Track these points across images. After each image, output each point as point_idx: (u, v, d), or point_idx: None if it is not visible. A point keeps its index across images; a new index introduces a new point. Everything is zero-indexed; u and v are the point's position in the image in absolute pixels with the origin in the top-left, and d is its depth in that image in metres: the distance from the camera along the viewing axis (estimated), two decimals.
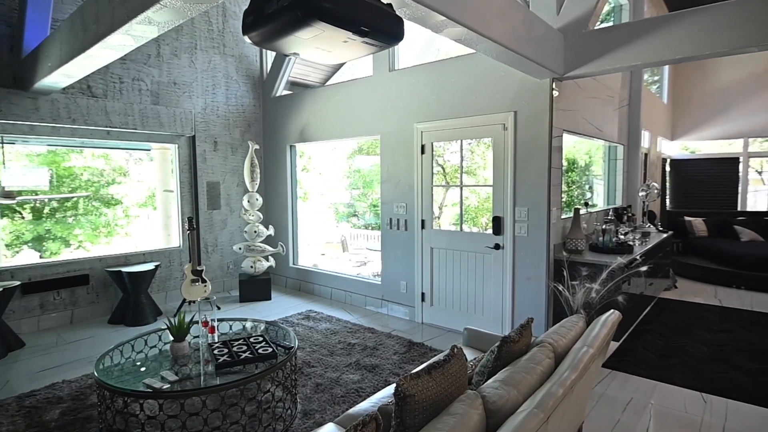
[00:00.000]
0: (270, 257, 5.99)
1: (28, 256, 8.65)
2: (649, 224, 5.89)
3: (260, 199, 5.86)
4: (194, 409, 2.37)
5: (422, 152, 4.75)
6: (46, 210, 9.28)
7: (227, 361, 2.63)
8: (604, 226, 4.38)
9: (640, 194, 5.85)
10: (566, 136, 4.24)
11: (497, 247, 4.24)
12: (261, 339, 2.96)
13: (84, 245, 9.24)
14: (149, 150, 5.79)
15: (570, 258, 3.92)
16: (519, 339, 2.13)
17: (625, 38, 3.42)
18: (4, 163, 4.74)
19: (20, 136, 4.50)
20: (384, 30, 1.73)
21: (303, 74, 7.85)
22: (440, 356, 1.82)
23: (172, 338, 2.80)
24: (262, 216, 5.91)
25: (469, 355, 2.84)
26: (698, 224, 7.50)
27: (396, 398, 1.55)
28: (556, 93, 3.96)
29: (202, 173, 5.90)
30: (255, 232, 5.78)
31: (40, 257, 8.46)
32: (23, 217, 9.15)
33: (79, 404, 3.05)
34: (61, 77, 3.61)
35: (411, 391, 1.56)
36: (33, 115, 4.32)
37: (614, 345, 3.99)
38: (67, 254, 7.96)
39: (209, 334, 3.04)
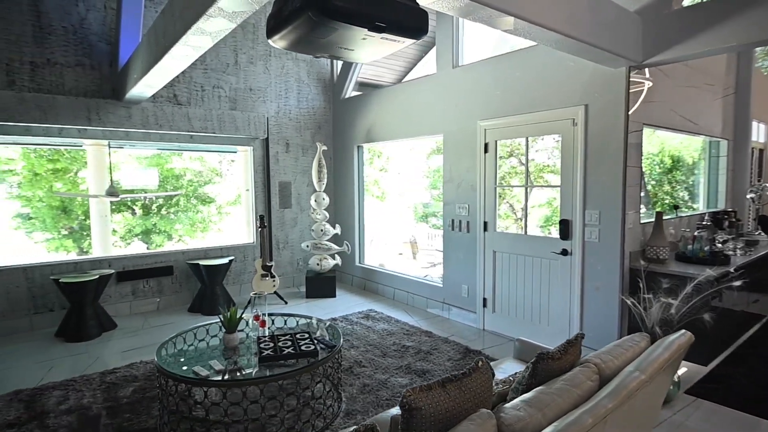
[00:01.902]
0: (336, 255, 6.13)
1: (138, 247, 9.74)
2: (760, 231, 5.07)
3: (327, 199, 6.01)
4: (236, 399, 2.48)
5: (485, 151, 4.55)
6: (154, 207, 10.38)
7: (270, 355, 2.71)
8: (695, 233, 3.85)
9: (749, 196, 5.05)
10: (667, 132, 3.79)
11: (564, 252, 3.92)
12: (306, 336, 3.02)
13: (183, 239, 10.22)
14: (235, 152, 6.21)
15: (648, 267, 3.49)
16: (561, 356, 1.93)
17: (723, 13, 2.95)
18: (112, 166, 5.37)
19: (120, 141, 5.08)
20: (403, 24, 1.65)
21: (376, 75, 7.92)
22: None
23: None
24: (328, 215, 6.07)
25: (519, 368, 2.64)
26: None
27: (401, 410, 1.46)
28: (649, 84, 3.55)
29: (274, 173, 6.20)
30: (321, 230, 5.95)
31: (147, 248, 9.49)
32: (134, 213, 10.33)
33: (149, 384, 3.35)
34: (144, 87, 4.00)
35: (418, 404, 1.46)
36: (126, 122, 4.85)
37: (701, 370, 3.49)
38: (158, 247, 8.80)
39: (260, 328, 3.17)
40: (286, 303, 5.65)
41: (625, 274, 3.57)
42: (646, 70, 3.65)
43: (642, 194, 4.40)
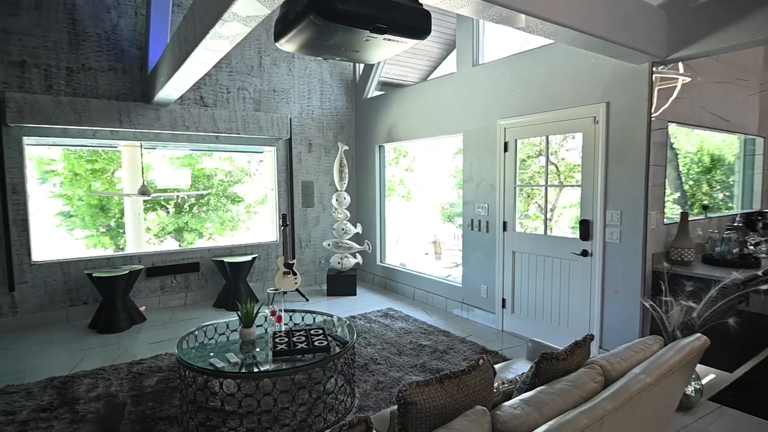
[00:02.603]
0: (357, 254, 6.19)
1: (170, 244, 10.07)
2: None
3: (348, 198, 6.08)
4: (250, 391, 2.56)
5: (505, 150, 4.50)
6: (186, 206, 10.72)
7: (284, 349, 2.78)
8: (724, 234, 3.70)
9: None
10: (699, 130, 3.67)
11: (585, 253, 3.84)
12: (320, 332, 3.08)
13: (213, 237, 10.52)
14: (262, 152, 6.34)
15: (672, 270, 3.38)
16: (566, 357, 1.91)
17: (753, 4, 2.82)
18: (145, 166, 5.61)
19: (153, 142, 5.29)
20: (404, 25, 1.68)
21: (400, 75, 7.95)
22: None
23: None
24: (349, 214, 6.13)
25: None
26: None
27: (398, 404, 1.49)
28: (685, 79, 3.44)
29: (297, 173, 6.32)
30: (342, 229, 6.02)
31: (179, 245, 9.80)
32: (168, 212, 10.70)
33: (172, 375, 3.49)
34: (171, 90, 4.16)
35: (413, 398, 1.48)
36: (155, 124, 5.05)
37: (727, 377, 3.35)
38: (174, 244, 9.04)
39: (276, 323, 3.25)
40: (307, 300, 5.75)
41: (647, 276, 3.47)
42: (680, 65, 3.54)
43: (678, 195, 4.26)
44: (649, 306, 2.94)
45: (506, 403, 1.58)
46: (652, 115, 3.37)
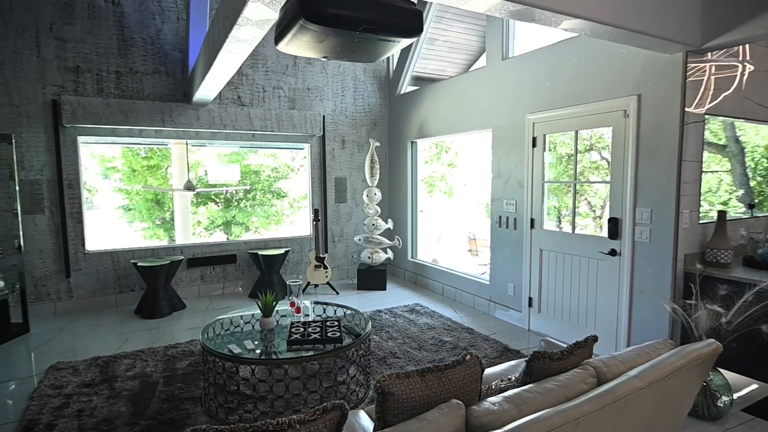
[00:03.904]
0: (388, 249, 6.26)
1: (219, 237, 10.58)
2: None
3: (378, 194, 6.15)
4: (263, 376, 2.69)
5: (533, 145, 4.40)
6: (234, 201, 11.24)
7: (298, 339, 2.90)
8: None
9: None
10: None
11: (613, 253, 3.69)
12: (336, 324, 3.17)
13: (259, 230, 10.97)
14: (302, 149, 6.52)
15: (705, 272, 3.19)
16: (562, 357, 1.88)
17: None
18: (193, 163, 5.96)
19: (203, 140, 5.61)
20: (393, 25, 1.71)
21: (438, 69, 7.90)
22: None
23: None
24: (380, 210, 6.20)
25: None
26: None
27: (376, 393, 1.54)
28: (728, 68, 3.23)
29: (330, 169, 6.47)
30: (373, 225, 6.10)
31: (228, 239, 10.29)
32: (218, 205, 11.26)
33: (202, 359, 3.71)
34: (206, 91, 4.39)
35: (391, 389, 1.53)
36: (195, 123, 5.34)
37: (766, 388, 3.12)
38: (222, 237, 9.44)
39: (295, 314, 3.38)
40: (337, 293, 5.88)
41: (677, 277, 3.29)
42: (744, 49, 3.33)
43: (742, 192, 3.99)
44: (671, 309, 2.80)
45: (488, 399, 1.59)
46: (687, 108, 3.18)
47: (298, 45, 1.86)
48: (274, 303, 3.17)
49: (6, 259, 4.37)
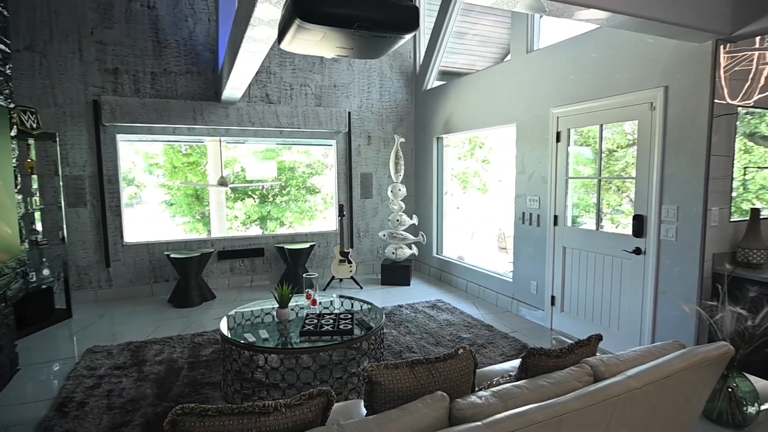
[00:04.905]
0: (413, 245, 6.27)
1: (255, 231, 10.91)
2: None
3: (403, 190, 6.17)
4: (275, 364, 2.79)
5: (557, 140, 4.29)
6: (270, 196, 11.58)
7: (310, 330, 2.98)
8: None
9: None
10: None
11: (638, 251, 3.56)
12: (349, 317, 3.23)
13: (293, 225, 11.26)
14: (331, 146, 6.62)
15: (734, 272, 3.03)
16: (560, 355, 1.86)
17: None
18: (227, 159, 6.19)
19: (237, 137, 5.83)
20: (387, 22, 1.73)
21: (469, 63, 7.81)
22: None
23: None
24: (404, 205, 6.22)
25: None
26: None
27: (364, 382, 1.58)
28: (765, 56, 3.05)
29: (356, 165, 6.54)
30: (397, 220, 6.13)
31: (264, 233, 10.60)
32: (255, 201, 11.62)
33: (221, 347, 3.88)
34: (232, 90, 4.55)
35: (379, 378, 1.57)
36: (224, 121, 5.54)
37: None
38: (253, 231, 9.70)
39: (311, 306, 3.47)
40: (361, 288, 5.96)
41: (704, 278, 3.14)
42: (757, 40, 3.13)
43: None
44: (688, 310, 2.68)
45: (475, 393, 1.60)
46: (717, 99, 3.02)
47: (299, 44, 1.91)
48: (291, 295, 3.26)
49: (51, 249, 4.71)
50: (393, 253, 6.16)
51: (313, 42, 1.86)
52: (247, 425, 1.33)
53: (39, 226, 4.53)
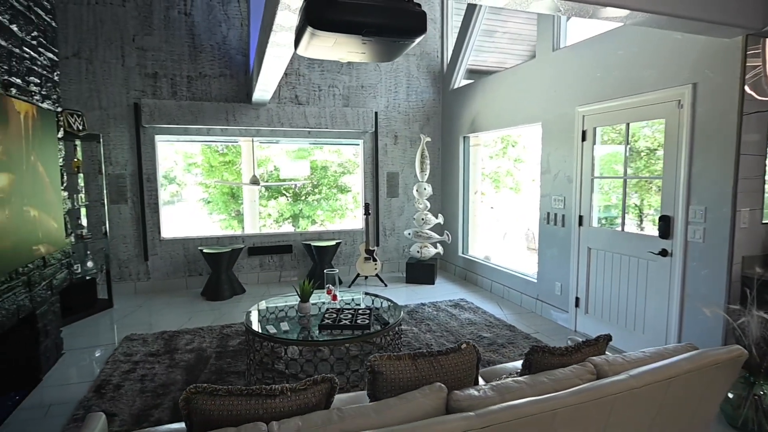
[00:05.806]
0: (438, 244, 6.30)
1: (287, 228, 11.22)
2: None
3: (428, 189, 6.20)
4: (294, 355, 2.91)
5: (583, 139, 4.23)
6: (303, 195, 11.87)
7: (329, 324, 3.08)
8: None
9: None
10: None
11: (664, 253, 3.48)
12: (367, 312, 3.32)
13: (324, 223, 11.50)
14: (358, 145, 6.73)
15: (764, 276, 2.92)
16: (565, 353, 1.87)
17: None
18: (260, 159, 6.42)
19: (268, 137, 6.05)
20: (396, 27, 1.80)
21: (499, 62, 7.74)
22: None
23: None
24: (429, 204, 6.26)
25: None
26: None
27: (367, 372, 1.65)
28: None
29: (383, 164, 6.63)
30: (423, 219, 6.18)
31: (295, 230, 10.88)
32: (288, 199, 11.94)
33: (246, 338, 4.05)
34: (261, 92, 4.73)
35: (381, 368, 1.63)
36: (255, 122, 5.75)
37: None
38: (284, 228, 9.93)
39: (332, 301, 3.58)
40: (385, 285, 6.04)
41: (733, 281, 3.04)
42: None
43: None
44: (709, 313, 2.61)
45: (474, 386, 1.64)
46: (752, 93, 2.92)
47: (314, 49, 2.01)
48: (312, 290, 3.38)
49: (95, 243, 5.04)
50: (418, 251, 6.20)
51: (327, 47, 1.95)
52: (255, 406, 1.44)
53: (84, 222, 4.86)
